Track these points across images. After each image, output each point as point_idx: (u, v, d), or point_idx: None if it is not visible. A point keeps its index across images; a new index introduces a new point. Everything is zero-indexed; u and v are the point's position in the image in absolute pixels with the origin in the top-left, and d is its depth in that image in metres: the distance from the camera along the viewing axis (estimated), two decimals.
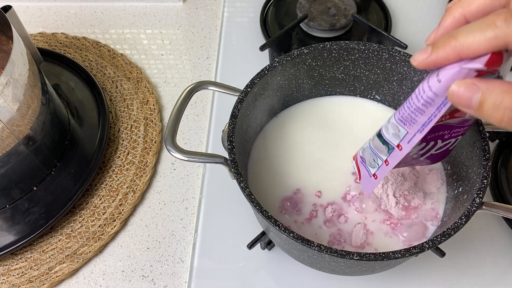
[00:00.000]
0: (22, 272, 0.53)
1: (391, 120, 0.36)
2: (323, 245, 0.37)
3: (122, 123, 0.64)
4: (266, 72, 0.47)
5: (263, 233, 0.49)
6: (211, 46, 0.73)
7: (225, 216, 0.56)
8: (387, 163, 0.37)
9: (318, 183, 0.49)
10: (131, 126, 0.64)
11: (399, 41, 0.64)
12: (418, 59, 0.30)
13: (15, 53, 0.48)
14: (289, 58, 0.48)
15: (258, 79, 0.47)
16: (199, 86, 0.48)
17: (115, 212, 0.56)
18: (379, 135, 0.38)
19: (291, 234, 0.37)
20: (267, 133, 0.53)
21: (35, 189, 0.56)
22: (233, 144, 0.42)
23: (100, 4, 0.80)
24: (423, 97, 0.31)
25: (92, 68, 0.70)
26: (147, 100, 0.66)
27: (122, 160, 0.61)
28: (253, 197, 0.39)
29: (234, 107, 0.45)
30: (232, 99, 0.46)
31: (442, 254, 0.46)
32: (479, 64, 0.27)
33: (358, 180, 0.47)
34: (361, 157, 0.42)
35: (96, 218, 0.56)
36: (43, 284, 0.52)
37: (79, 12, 0.79)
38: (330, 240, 0.46)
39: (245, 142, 0.49)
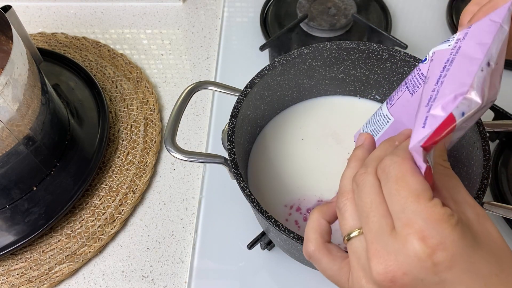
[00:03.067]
0: (22, 272, 0.53)
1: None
2: None
3: (122, 123, 0.64)
4: (266, 72, 0.47)
5: (263, 233, 0.49)
6: (211, 46, 0.73)
7: (225, 216, 0.56)
8: None
9: (318, 183, 0.49)
10: (131, 126, 0.64)
11: (399, 41, 0.64)
12: None
13: (15, 53, 0.48)
14: (289, 58, 0.48)
15: (258, 79, 0.47)
16: (199, 86, 0.48)
17: (115, 212, 0.56)
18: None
19: (291, 234, 0.37)
20: (267, 133, 0.53)
21: (35, 189, 0.56)
22: (233, 144, 0.42)
23: (100, 4, 0.80)
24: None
25: (92, 68, 0.70)
26: (147, 100, 0.66)
27: (122, 160, 0.61)
28: (253, 197, 0.39)
29: (234, 107, 0.45)
30: (232, 99, 0.46)
31: None
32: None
33: None
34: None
35: (96, 218, 0.56)
36: (43, 285, 0.52)
37: (79, 12, 0.79)
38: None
39: (245, 142, 0.49)
